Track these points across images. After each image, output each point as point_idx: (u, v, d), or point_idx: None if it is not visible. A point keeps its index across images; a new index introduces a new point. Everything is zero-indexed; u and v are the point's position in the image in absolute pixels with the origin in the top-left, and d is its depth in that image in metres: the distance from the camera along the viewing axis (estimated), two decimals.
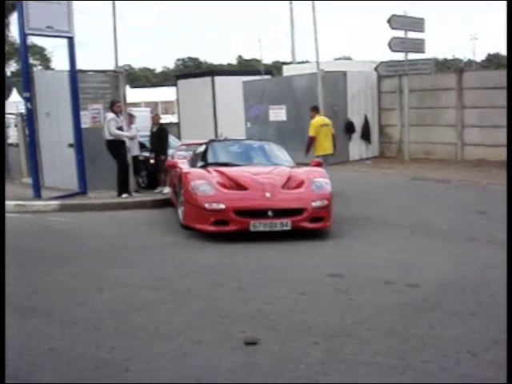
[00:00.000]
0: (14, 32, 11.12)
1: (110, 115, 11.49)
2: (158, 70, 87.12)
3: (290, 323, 4.96)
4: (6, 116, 18.19)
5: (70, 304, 5.50)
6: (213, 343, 4.56)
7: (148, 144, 13.28)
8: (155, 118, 13.53)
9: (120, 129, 11.52)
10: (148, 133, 13.33)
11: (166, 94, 42.69)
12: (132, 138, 11.95)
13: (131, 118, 12.60)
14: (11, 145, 17.11)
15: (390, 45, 17.17)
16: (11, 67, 34.13)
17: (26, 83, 11.10)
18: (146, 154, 13.21)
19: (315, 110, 13.09)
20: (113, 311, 5.30)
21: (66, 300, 5.62)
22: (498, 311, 5.17)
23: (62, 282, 6.20)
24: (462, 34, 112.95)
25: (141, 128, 13.71)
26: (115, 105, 11.62)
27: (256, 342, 4.54)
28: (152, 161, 12.92)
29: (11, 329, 4.58)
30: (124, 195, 11.42)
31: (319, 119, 12.82)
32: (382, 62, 18.54)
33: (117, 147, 11.45)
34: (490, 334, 4.71)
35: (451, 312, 5.27)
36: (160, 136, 12.84)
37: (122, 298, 5.68)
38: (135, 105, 38.94)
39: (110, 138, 11.45)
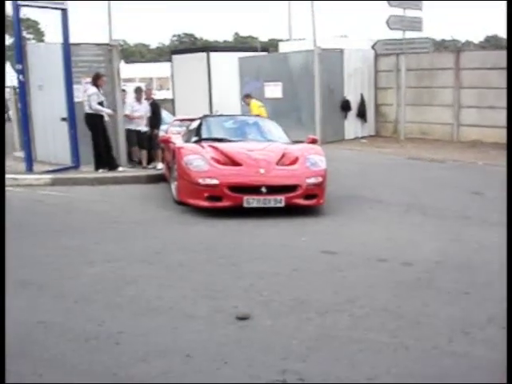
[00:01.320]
0: (7, 4, 10.87)
1: (92, 89, 11.27)
2: (154, 45, 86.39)
3: (283, 299, 4.92)
4: None
5: (60, 277, 5.45)
6: (204, 317, 4.52)
7: None
8: (148, 93, 13.32)
9: (101, 104, 11.36)
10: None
11: (161, 69, 42.30)
12: (110, 116, 11.73)
13: (123, 94, 12.46)
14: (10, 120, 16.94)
15: (387, 22, 17.01)
16: (6, 41, 33.76)
17: (19, 55, 10.95)
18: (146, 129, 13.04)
19: (249, 96, 14.26)
20: (104, 285, 5.25)
21: (57, 273, 5.56)
22: (491, 290, 5.15)
23: (53, 256, 6.14)
24: (460, 16, 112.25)
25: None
26: (100, 78, 11.42)
27: (248, 316, 4.50)
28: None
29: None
30: (100, 170, 11.30)
31: (256, 102, 13.96)
32: (380, 40, 18.39)
33: (96, 122, 11.30)
34: (484, 313, 4.68)
35: (445, 290, 5.24)
36: (153, 111, 12.71)
37: (113, 271, 5.63)
38: (130, 80, 38.66)
39: (89, 111, 11.28)
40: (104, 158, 11.43)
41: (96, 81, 11.37)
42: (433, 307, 4.83)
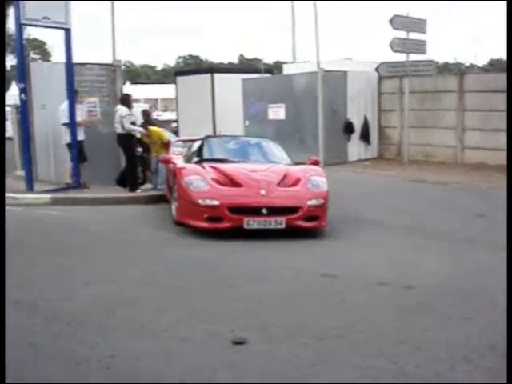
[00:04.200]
0: (11, 24, 10.94)
1: (124, 110, 11.31)
2: (159, 67, 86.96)
3: (280, 323, 4.81)
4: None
5: (54, 298, 5.35)
6: (199, 341, 4.41)
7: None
8: (145, 114, 13.44)
9: (133, 123, 11.45)
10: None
11: (166, 91, 42.54)
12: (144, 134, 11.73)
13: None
14: (8, 138, 16.93)
15: (391, 45, 17.00)
16: (11, 61, 33.96)
17: (21, 74, 10.94)
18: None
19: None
20: (98, 306, 5.15)
21: (51, 294, 5.47)
22: (494, 316, 5.02)
23: (48, 275, 6.06)
24: (464, 39, 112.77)
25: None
26: (128, 98, 11.51)
27: (244, 341, 4.38)
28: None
29: None
30: (138, 190, 11.31)
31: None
32: (383, 63, 18.37)
33: (129, 142, 11.35)
34: (486, 339, 4.55)
35: (447, 315, 5.12)
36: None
37: (109, 293, 5.53)
38: (135, 101, 38.76)
39: (122, 132, 11.31)
40: (136, 178, 11.48)
41: (125, 101, 11.41)
42: (434, 332, 4.71)
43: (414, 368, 4.02)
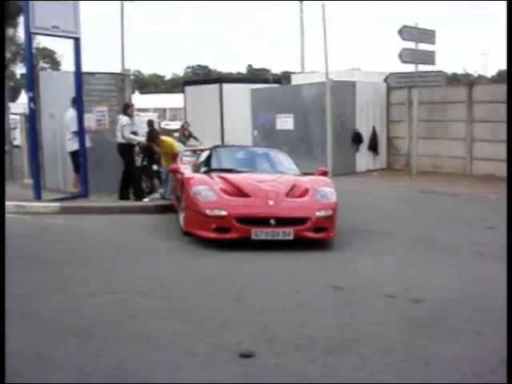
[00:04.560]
0: (21, 33, 11.00)
1: (125, 119, 11.36)
2: (168, 76, 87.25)
3: (288, 336, 4.75)
4: (13, 117, 18.13)
5: (60, 308, 5.31)
6: (206, 354, 4.36)
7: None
8: (150, 124, 13.61)
9: (134, 133, 11.45)
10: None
11: (175, 100, 42.71)
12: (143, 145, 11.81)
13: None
14: (17, 147, 16.98)
15: (400, 56, 16.98)
16: (21, 69, 34.10)
17: (30, 83, 10.94)
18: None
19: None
20: (104, 317, 5.11)
21: (57, 304, 5.43)
22: (504, 330, 4.93)
23: (54, 285, 6.01)
24: (472, 50, 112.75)
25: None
26: (129, 108, 11.53)
27: (251, 354, 4.33)
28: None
29: None
30: (146, 199, 11.31)
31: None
32: (392, 73, 18.35)
33: (129, 151, 11.37)
34: (497, 353, 4.47)
35: (456, 329, 5.06)
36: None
37: (115, 303, 5.49)
38: (143, 110, 38.91)
39: (122, 141, 11.34)
40: (139, 187, 11.48)
41: (126, 110, 11.45)
42: (443, 347, 4.64)
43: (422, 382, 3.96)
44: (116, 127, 11.63)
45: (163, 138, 12.06)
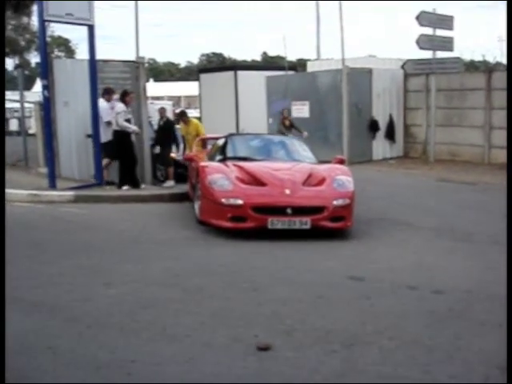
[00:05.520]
0: (35, 20, 10.92)
1: (120, 106, 11.23)
2: (182, 64, 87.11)
3: (307, 328, 4.64)
4: (28, 105, 18.09)
5: (74, 299, 5.22)
6: (223, 347, 4.25)
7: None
8: (162, 112, 13.52)
9: (128, 121, 11.29)
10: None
11: (189, 88, 42.64)
12: (137, 133, 11.70)
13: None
14: (32, 135, 16.96)
15: (417, 42, 16.73)
16: (35, 57, 34.05)
17: (44, 71, 10.85)
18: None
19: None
20: (119, 308, 5.01)
21: (72, 294, 5.34)
22: None
23: (68, 276, 5.93)
24: (490, 36, 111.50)
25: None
26: (128, 95, 11.38)
27: (269, 347, 4.22)
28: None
29: (11, 324, 4.30)
30: (124, 187, 11.17)
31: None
32: (410, 60, 18.12)
33: (122, 139, 11.24)
34: None
35: (479, 322, 4.92)
36: (166, 129, 12.79)
37: (130, 294, 5.39)
38: (158, 98, 38.85)
39: (117, 128, 11.24)
40: (128, 176, 11.32)
41: (124, 98, 11.32)
42: (466, 340, 4.52)
43: (448, 379, 3.84)
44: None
45: (191, 119, 13.04)
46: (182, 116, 13.34)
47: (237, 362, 4.02)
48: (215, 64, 67.84)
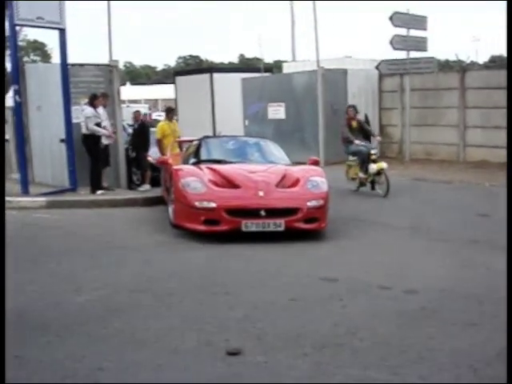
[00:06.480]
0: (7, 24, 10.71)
1: (89, 111, 11.11)
2: (160, 67, 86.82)
3: (278, 332, 4.61)
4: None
5: (43, 306, 5.15)
6: (192, 352, 4.21)
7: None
8: (136, 115, 13.44)
9: (98, 125, 11.18)
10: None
11: (167, 91, 42.48)
12: (109, 136, 11.58)
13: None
14: (6, 141, 16.72)
15: (391, 42, 16.77)
16: (9, 62, 33.75)
17: (15, 75, 10.72)
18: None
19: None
20: (88, 315, 4.95)
21: (41, 301, 5.27)
22: (501, 322, 4.81)
23: (38, 282, 5.85)
24: (463, 36, 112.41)
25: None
26: (97, 99, 11.25)
27: (239, 351, 4.19)
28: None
29: None
30: (99, 192, 11.07)
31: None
32: (384, 61, 18.16)
33: (93, 143, 11.14)
34: (492, 346, 4.35)
35: (451, 322, 4.92)
36: (141, 132, 12.71)
37: (100, 300, 5.33)
38: (135, 101, 38.65)
39: (86, 132, 11.14)
40: (99, 180, 11.24)
41: (93, 101, 11.19)
42: (438, 340, 4.51)
43: (417, 379, 3.83)
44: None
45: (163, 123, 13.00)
46: (169, 112, 13.31)
47: (206, 367, 3.98)
48: (192, 66, 67.74)
